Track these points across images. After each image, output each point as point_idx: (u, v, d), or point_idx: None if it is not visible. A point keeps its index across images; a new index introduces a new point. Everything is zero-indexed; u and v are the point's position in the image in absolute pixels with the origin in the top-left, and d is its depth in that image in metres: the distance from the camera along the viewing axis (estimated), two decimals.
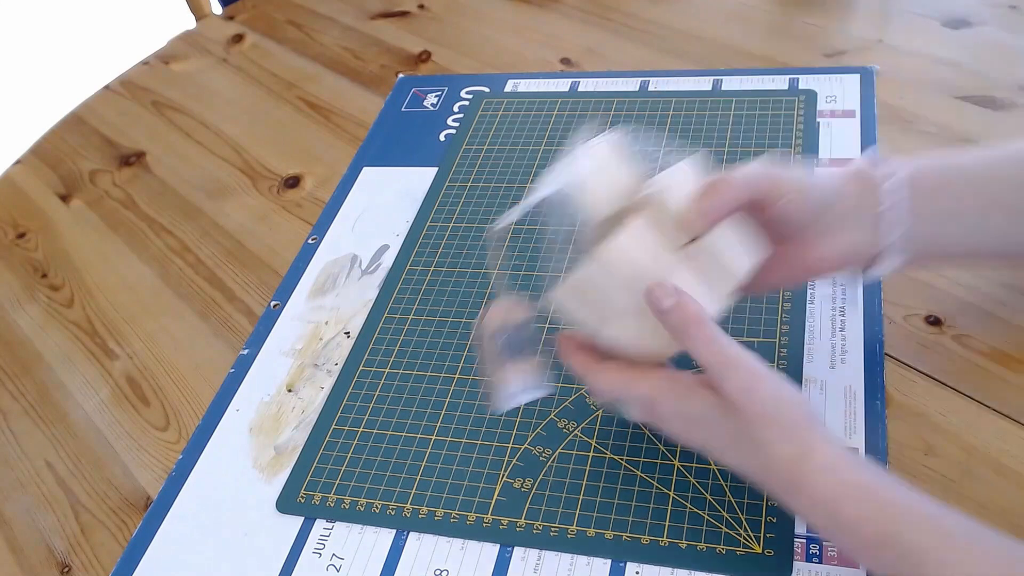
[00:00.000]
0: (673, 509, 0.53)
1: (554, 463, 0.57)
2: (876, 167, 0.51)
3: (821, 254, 0.51)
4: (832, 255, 0.51)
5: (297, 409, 0.65)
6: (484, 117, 0.85)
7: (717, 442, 0.47)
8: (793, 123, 0.75)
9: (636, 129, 0.78)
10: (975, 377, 0.56)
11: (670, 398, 0.48)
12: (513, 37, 0.97)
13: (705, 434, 0.48)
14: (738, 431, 0.45)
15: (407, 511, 0.56)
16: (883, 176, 0.51)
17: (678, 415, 0.48)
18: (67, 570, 0.61)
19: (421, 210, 0.77)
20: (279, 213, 0.83)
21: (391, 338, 0.67)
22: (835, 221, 0.51)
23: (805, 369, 0.58)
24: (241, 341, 0.71)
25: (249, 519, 0.59)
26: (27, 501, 0.66)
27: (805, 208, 0.50)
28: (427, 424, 0.61)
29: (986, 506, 0.50)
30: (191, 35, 1.13)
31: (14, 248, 0.88)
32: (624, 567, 0.52)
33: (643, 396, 0.49)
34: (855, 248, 0.51)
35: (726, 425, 0.46)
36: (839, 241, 0.51)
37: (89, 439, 0.68)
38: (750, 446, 0.45)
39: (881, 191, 0.50)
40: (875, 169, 0.51)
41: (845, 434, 0.54)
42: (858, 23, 0.87)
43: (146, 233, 0.85)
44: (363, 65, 0.99)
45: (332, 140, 0.90)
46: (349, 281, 0.73)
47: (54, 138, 1.01)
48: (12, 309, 0.82)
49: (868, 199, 0.51)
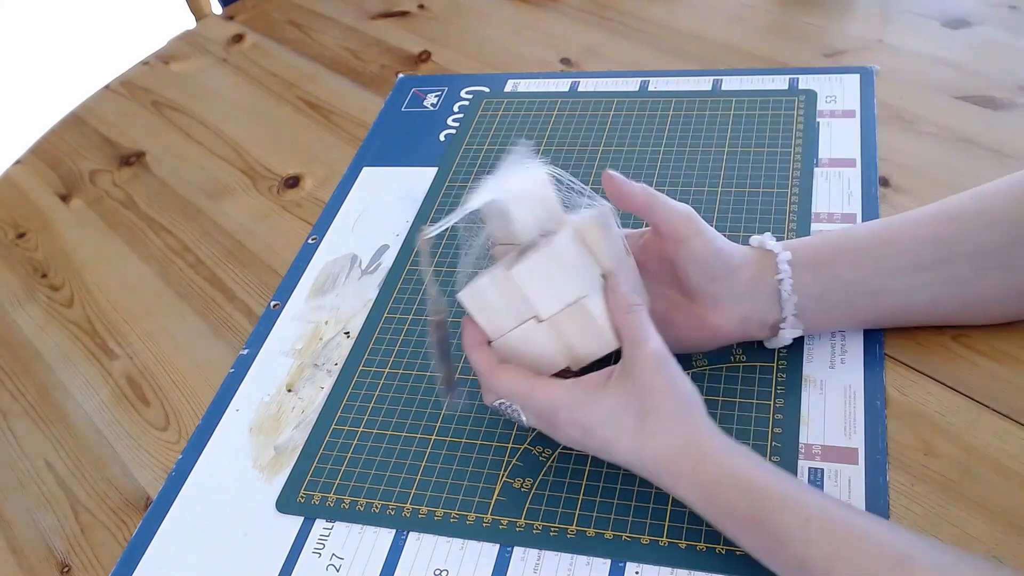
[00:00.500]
0: (673, 509, 0.53)
1: (554, 463, 0.57)
2: (771, 244, 0.55)
3: (724, 318, 0.55)
4: (734, 321, 0.55)
5: (297, 409, 0.65)
6: (484, 117, 0.85)
7: (617, 441, 0.49)
8: (793, 123, 0.75)
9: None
10: (975, 377, 0.56)
11: (571, 409, 0.50)
12: (513, 37, 0.97)
13: (605, 434, 0.50)
14: (638, 415, 0.48)
15: (407, 511, 0.56)
16: (777, 251, 0.55)
17: (576, 424, 0.50)
18: (67, 570, 0.61)
19: (421, 210, 0.77)
20: (279, 213, 0.83)
21: (391, 338, 0.67)
22: (739, 286, 0.54)
23: (805, 369, 0.58)
24: (241, 341, 0.71)
25: (249, 519, 0.59)
26: (27, 501, 0.66)
27: (713, 259, 0.53)
28: (427, 424, 0.61)
29: (986, 506, 0.50)
30: (191, 35, 1.13)
31: (14, 248, 0.88)
32: (624, 567, 0.52)
33: (542, 406, 0.51)
34: (757, 317, 0.55)
35: (627, 417, 0.49)
36: (742, 308, 0.55)
37: (89, 439, 0.68)
38: (646, 431, 0.48)
39: (778, 263, 0.54)
40: (771, 245, 0.55)
41: (845, 434, 0.54)
42: (858, 23, 0.87)
43: (146, 233, 0.85)
44: (363, 65, 0.99)
45: (332, 140, 0.90)
46: (349, 281, 0.73)
47: (54, 138, 1.01)
48: (12, 309, 0.82)
49: (767, 271, 0.54)
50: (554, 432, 0.52)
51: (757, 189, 0.70)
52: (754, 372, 0.58)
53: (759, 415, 0.56)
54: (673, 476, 0.48)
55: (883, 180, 0.69)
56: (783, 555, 0.45)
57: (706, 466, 0.47)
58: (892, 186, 0.69)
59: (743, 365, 0.59)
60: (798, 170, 0.70)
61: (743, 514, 0.46)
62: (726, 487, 0.47)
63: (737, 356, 0.59)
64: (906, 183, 0.69)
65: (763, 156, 0.72)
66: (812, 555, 0.43)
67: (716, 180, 0.71)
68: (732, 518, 0.47)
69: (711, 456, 0.48)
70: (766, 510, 0.45)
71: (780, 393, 0.57)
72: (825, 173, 0.70)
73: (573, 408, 0.50)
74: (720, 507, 0.47)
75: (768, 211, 0.68)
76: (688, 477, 0.48)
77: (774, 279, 0.54)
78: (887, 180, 0.69)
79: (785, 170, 0.71)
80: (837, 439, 0.54)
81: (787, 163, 0.71)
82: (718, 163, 0.73)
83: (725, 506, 0.47)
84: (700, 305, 0.55)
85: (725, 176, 0.72)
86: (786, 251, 0.55)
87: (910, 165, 0.70)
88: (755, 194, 0.69)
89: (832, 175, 0.70)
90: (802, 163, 0.71)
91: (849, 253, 0.55)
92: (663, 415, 0.48)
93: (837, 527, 0.44)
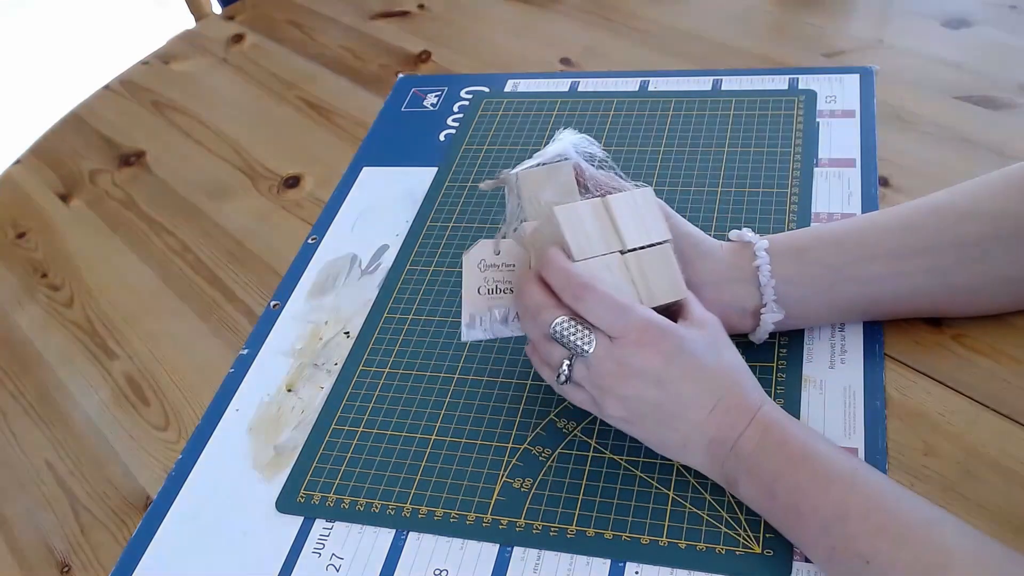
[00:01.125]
0: (673, 509, 0.53)
1: (554, 463, 0.57)
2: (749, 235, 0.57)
3: (704, 303, 0.54)
4: (714, 307, 0.54)
5: (297, 409, 0.65)
6: (484, 117, 0.85)
7: (698, 372, 0.49)
8: (793, 123, 0.75)
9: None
10: (975, 377, 0.56)
11: (669, 328, 0.49)
12: (513, 37, 0.97)
13: (691, 365, 0.49)
14: (718, 358, 0.50)
15: (407, 511, 0.56)
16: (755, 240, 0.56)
17: (675, 346, 0.49)
18: (67, 570, 0.61)
19: (421, 210, 0.77)
20: (279, 213, 0.83)
21: (391, 338, 0.67)
22: (716, 272, 0.56)
23: (805, 369, 0.58)
24: (241, 341, 0.71)
25: (249, 519, 0.59)
26: (27, 501, 0.66)
27: (683, 243, 0.54)
28: (427, 424, 0.61)
29: (985, 506, 0.50)
30: (191, 35, 1.13)
31: (14, 248, 0.88)
32: (624, 567, 0.52)
33: (638, 322, 0.49)
34: (736, 302, 0.56)
35: (708, 354, 0.50)
36: (721, 293, 0.56)
37: (89, 439, 0.68)
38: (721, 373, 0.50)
39: (755, 251, 0.56)
40: (749, 236, 0.57)
41: (844, 434, 0.54)
42: (858, 23, 0.87)
43: (146, 233, 0.85)
44: (363, 65, 0.99)
45: (332, 140, 0.90)
46: (349, 281, 0.73)
47: (54, 138, 1.01)
48: (12, 309, 0.82)
49: (746, 259, 0.56)
50: (631, 361, 0.49)
51: (757, 189, 0.70)
52: (754, 372, 0.58)
53: None
54: (736, 416, 0.49)
55: (883, 180, 0.69)
56: (823, 497, 0.46)
57: (768, 411, 0.49)
58: (892, 186, 0.69)
59: None
60: (798, 170, 0.70)
61: (794, 453, 0.48)
62: (783, 429, 0.48)
63: None
64: (906, 183, 0.69)
65: (763, 156, 0.72)
66: (853, 501, 0.45)
67: (716, 180, 0.71)
68: (782, 456, 0.48)
69: (769, 405, 0.50)
70: (817, 453, 0.47)
71: (780, 393, 0.57)
72: (825, 173, 0.70)
73: (678, 326, 0.50)
74: (773, 445, 0.48)
75: (768, 211, 0.68)
76: (750, 421, 0.49)
77: (752, 265, 0.55)
78: (887, 180, 0.69)
79: (785, 170, 0.71)
80: (837, 439, 0.54)
81: (787, 163, 0.71)
82: (718, 163, 0.73)
83: (778, 444, 0.48)
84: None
85: (725, 176, 0.72)
86: (763, 239, 0.56)
87: (910, 165, 0.70)
88: (755, 194, 0.69)
89: (832, 175, 0.70)
90: (802, 163, 0.71)
91: (828, 240, 0.56)
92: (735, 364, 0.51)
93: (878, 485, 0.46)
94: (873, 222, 0.56)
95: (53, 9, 3.12)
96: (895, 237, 0.55)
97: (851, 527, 0.44)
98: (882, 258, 0.55)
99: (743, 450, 0.49)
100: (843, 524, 0.45)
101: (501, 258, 0.56)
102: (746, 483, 0.50)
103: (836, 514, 0.45)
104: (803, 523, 0.47)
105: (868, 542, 0.43)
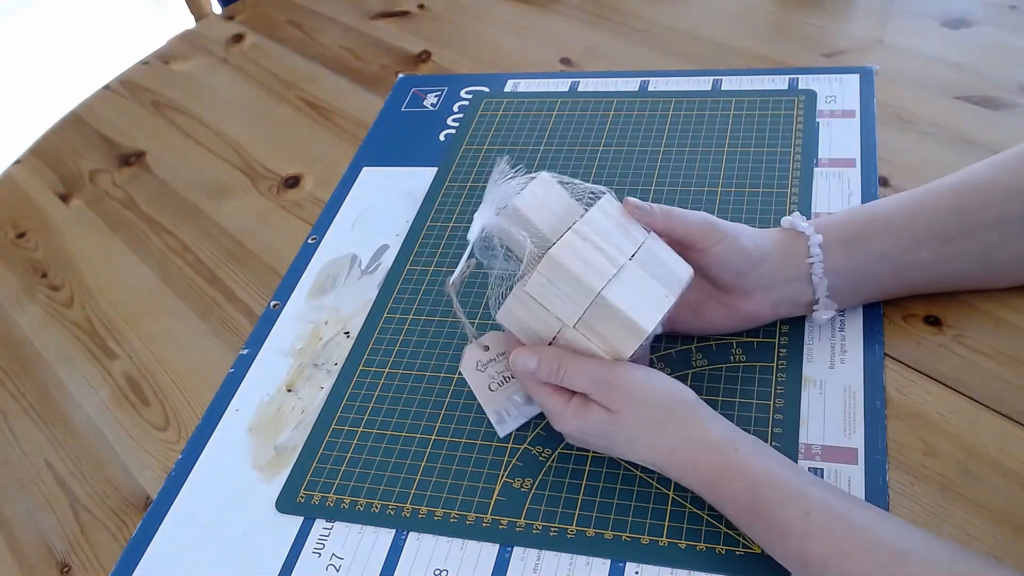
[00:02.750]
0: (672, 509, 0.53)
1: (554, 463, 0.57)
2: (802, 226, 0.56)
3: (756, 305, 0.56)
4: (766, 307, 0.57)
5: (297, 409, 0.65)
6: (484, 117, 0.85)
7: (619, 447, 0.52)
8: (793, 123, 0.75)
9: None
10: (975, 377, 0.56)
11: (567, 416, 0.52)
12: (513, 37, 0.97)
13: (603, 442, 0.52)
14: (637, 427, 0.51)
15: (407, 511, 0.56)
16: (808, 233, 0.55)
17: (576, 430, 0.52)
18: (67, 570, 0.61)
19: (421, 210, 0.77)
20: (279, 213, 0.83)
21: (391, 338, 0.67)
22: (768, 275, 0.55)
23: (805, 369, 0.58)
24: (241, 341, 0.71)
25: (249, 519, 0.59)
26: (27, 501, 0.66)
27: (738, 258, 0.54)
28: (427, 424, 0.61)
29: (985, 506, 0.50)
30: (191, 35, 1.13)
31: (14, 248, 0.88)
32: (624, 567, 0.52)
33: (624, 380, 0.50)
34: (789, 300, 0.57)
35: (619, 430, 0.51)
36: (773, 294, 0.56)
37: (89, 439, 0.68)
38: (654, 431, 0.50)
39: (809, 246, 0.55)
40: (802, 227, 0.56)
41: (844, 434, 0.54)
42: (858, 23, 0.87)
43: (146, 233, 0.85)
44: (363, 65, 0.99)
45: (332, 140, 0.90)
46: (349, 281, 0.73)
47: (54, 138, 1.01)
48: (12, 309, 0.82)
49: (797, 255, 0.55)
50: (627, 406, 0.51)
51: (757, 189, 0.70)
52: (754, 372, 0.58)
53: (759, 415, 0.56)
54: (678, 470, 0.50)
55: (883, 180, 0.69)
56: (783, 547, 0.46)
57: (708, 460, 0.49)
58: (892, 186, 0.69)
59: (743, 365, 0.59)
60: (798, 170, 0.70)
61: (745, 506, 0.47)
62: (729, 480, 0.48)
63: (737, 356, 0.59)
64: (906, 183, 0.69)
65: (763, 156, 0.72)
66: (810, 548, 0.44)
67: (716, 180, 0.71)
68: (735, 508, 0.48)
69: (713, 450, 0.49)
70: (767, 502, 0.46)
71: (780, 393, 0.57)
72: (825, 173, 0.70)
73: (573, 414, 0.52)
74: (724, 499, 0.49)
75: (768, 211, 0.68)
76: (691, 471, 0.50)
77: (804, 263, 0.55)
78: (887, 180, 0.69)
79: (785, 170, 0.71)
80: (837, 439, 0.54)
81: (787, 163, 0.71)
82: (718, 163, 0.73)
83: (728, 498, 0.48)
84: (731, 295, 0.56)
85: (725, 176, 0.72)
86: (817, 234, 0.55)
87: (910, 165, 0.70)
88: (755, 194, 0.69)
89: (832, 175, 0.70)
90: (802, 163, 0.71)
91: (878, 228, 0.56)
92: (663, 417, 0.50)
93: (836, 522, 0.44)
94: (922, 205, 0.56)
95: (53, 9, 3.12)
96: (943, 221, 0.55)
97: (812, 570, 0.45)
98: (930, 243, 0.55)
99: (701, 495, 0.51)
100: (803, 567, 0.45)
101: (492, 351, 0.58)
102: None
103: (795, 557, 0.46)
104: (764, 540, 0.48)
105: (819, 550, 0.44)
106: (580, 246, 0.50)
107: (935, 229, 0.55)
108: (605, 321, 0.50)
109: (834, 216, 0.58)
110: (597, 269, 0.49)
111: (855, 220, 0.57)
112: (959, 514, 0.50)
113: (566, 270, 0.49)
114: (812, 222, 0.57)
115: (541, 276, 0.50)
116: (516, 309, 0.52)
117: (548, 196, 0.52)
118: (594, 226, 0.50)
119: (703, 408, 0.51)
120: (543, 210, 0.51)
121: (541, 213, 0.51)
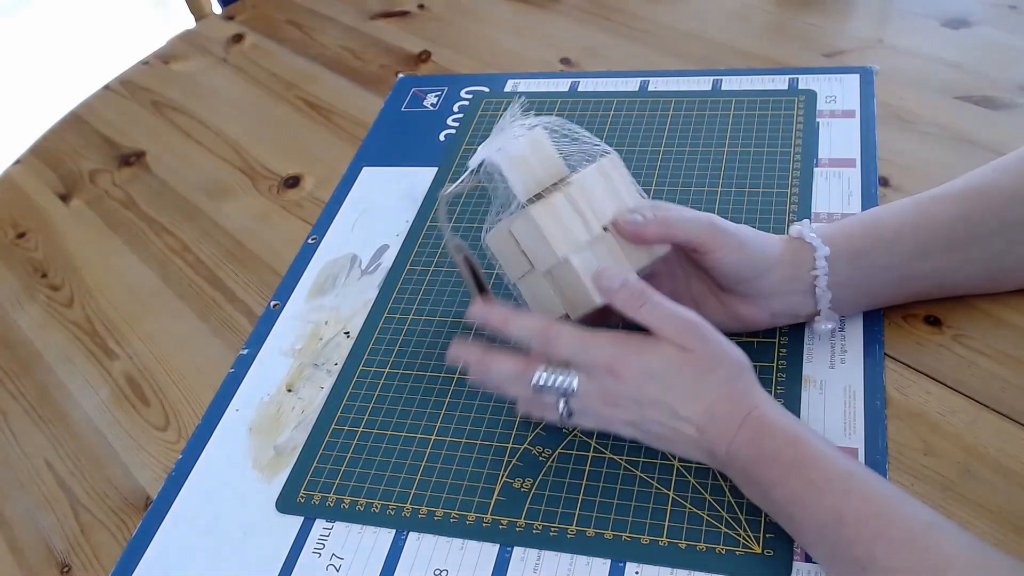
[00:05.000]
0: (673, 509, 0.53)
1: (554, 463, 0.57)
2: (811, 236, 0.55)
3: (754, 312, 0.56)
4: (764, 316, 0.56)
5: (297, 409, 0.65)
6: (484, 117, 0.85)
7: (675, 390, 0.49)
8: (793, 123, 0.75)
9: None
10: (975, 377, 0.56)
11: (630, 353, 0.50)
12: (513, 37, 0.97)
13: (666, 382, 0.49)
14: (695, 374, 0.49)
15: (407, 511, 0.56)
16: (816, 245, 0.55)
17: (639, 371, 0.49)
18: (67, 570, 0.61)
19: (421, 210, 0.77)
20: (279, 213, 0.83)
21: (391, 338, 0.67)
22: (770, 286, 0.55)
23: (805, 369, 0.58)
24: (241, 341, 0.71)
25: (249, 519, 0.59)
26: (27, 501, 0.66)
27: (741, 266, 0.54)
28: (427, 424, 0.61)
29: (985, 506, 0.50)
30: (191, 35, 1.13)
31: (14, 248, 0.88)
32: (624, 567, 0.52)
33: (601, 353, 0.50)
34: (789, 312, 0.57)
35: (685, 374, 0.49)
36: (773, 304, 0.56)
37: (89, 439, 0.68)
38: (705, 385, 0.49)
39: (816, 258, 0.55)
40: (810, 238, 0.55)
41: (844, 434, 0.54)
42: (858, 23, 0.87)
43: (146, 233, 0.85)
44: (363, 65, 0.99)
45: (332, 140, 0.90)
46: (349, 281, 0.73)
47: (54, 138, 1.01)
48: (12, 309, 0.82)
49: (802, 266, 0.55)
50: (610, 388, 0.50)
51: (757, 189, 0.70)
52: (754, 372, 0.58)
53: None
54: (725, 425, 0.49)
55: (883, 180, 0.69)
56: (818, 505, 0.46)
57: (759, 415, 0.49)
58: (892, 186, 0.69)
59: None
60: (798, 170, 0.70)
61: (787, 460, 0.47)
62: (775, 436, 0.48)
63: None
64: (906, 183, 0.69)
65: (763, 156, 0.72)
66: (848, 507, 0.44)
67: (716, 180, 0.71)
68: (776, 464, 0.48)
69: (763, 407, 0.49)
70: (810, 458, 0.47)
71: (780, 393, 0.57)
72: (825, 173, 0.70)
73: (641, 349, 0.50)
74: (766, 454, 0.48)
75: (768, 211, 0.68)
76: (740, 426, 0.49)
77: (809, 275, 0.55)
78: (887, 180, 0.69)
79: (785, 170, 0.71)
80: (837, 439, 0.54)
81: (787, 163, 0.71)
82: (718, 163, 0.73)
83: (771, 453, 0.48)
84: (730, 297, 0.56)
85: (725, 176, 0.72)
86: (825, 247, 0.54)
87: (910, 165, 0.70)
88: (755, 194, 0.69)
89: (832, 175, 0.70)
90: (802, 163, 0.71)
91: (885, 240, 0.55)
92: (720, 375, 0.50)
93: (876, 487, 0.45)
94: (928, 215, 0.55)
95: (54, 9, 3.12)
96: (948, 230, 0.54)
97: (846, 532, 0.44)
98: (936, 254, 0.55)
99: (735, 461, 0.49)
100: (838, 529, 0.44)
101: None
102: (746, 489, 0.50)
103: (831, 520, 0.45)
104: (800, 528, 0.47)
105: (864, 547, 0.43)
106: (562, 208, 0.52)
107: (941, 239, 0.54)
108: (567, 281, 0.52)
109: (840, 226, 0.57)
110: (571, 234, 0.51)
111: (862, 233, 0.56)
112: (959, 514, 0.50)
113: (539, 229, 0.51)
114: (818, 231, 0.56)
115: (519, 225, 0.52)
116: (499, 238, 0.55)
117: (534, 154, 0.53)
118: (584, 189, 0.52)
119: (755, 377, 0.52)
120: (523, 167, 0.53)
121: (521, 169, 0.53)
